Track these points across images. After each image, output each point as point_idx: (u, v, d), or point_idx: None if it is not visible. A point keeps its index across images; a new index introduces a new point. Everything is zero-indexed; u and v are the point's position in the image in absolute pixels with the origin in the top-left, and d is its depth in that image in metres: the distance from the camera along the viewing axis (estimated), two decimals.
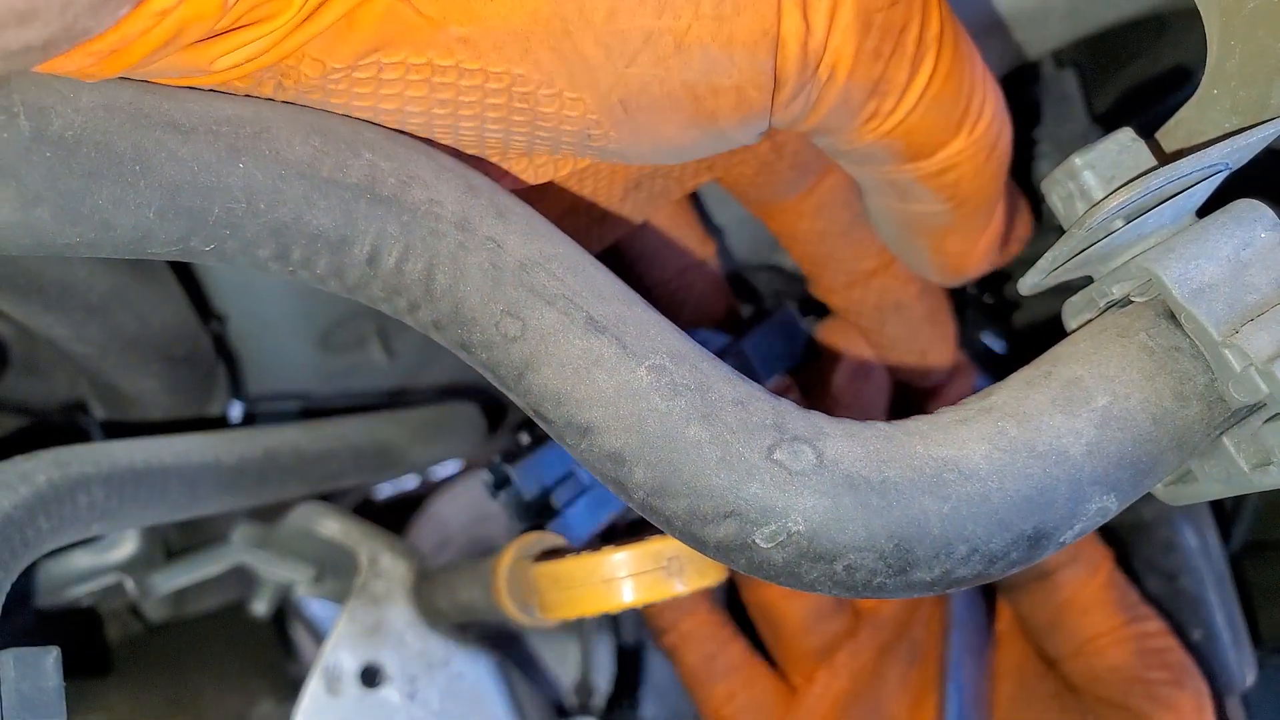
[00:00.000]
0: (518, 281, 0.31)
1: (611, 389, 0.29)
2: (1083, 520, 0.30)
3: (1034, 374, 0.31)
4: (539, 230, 0.32)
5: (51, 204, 0.26)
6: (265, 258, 0.30)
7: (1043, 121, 0.67)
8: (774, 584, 0.31)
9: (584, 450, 0.30)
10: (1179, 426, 0.30)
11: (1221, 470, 0.32)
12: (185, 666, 0.59)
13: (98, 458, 0.44)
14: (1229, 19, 0.30)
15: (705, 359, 0.31)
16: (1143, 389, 0.30)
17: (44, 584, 0.58)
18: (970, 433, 0.29)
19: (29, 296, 0.44)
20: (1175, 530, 0.67)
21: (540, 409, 0.31)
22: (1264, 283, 0.29)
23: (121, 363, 0.51)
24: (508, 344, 0.31)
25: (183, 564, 0.61)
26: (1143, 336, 0.30)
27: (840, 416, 0.31)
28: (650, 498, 0.30)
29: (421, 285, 0.31)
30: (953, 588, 0.30)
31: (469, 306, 0.31)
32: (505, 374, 0.31)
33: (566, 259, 0.32)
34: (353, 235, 0.30)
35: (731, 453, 0.29)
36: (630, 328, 0.31)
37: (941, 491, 0.28)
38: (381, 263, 0.31)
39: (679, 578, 0.45)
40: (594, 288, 0.31)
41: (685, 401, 0.29)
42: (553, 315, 0.30)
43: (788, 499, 0.28)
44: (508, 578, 0.50)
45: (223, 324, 0.63)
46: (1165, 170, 0.30)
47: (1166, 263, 0.30)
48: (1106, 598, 0.59)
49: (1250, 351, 0.28)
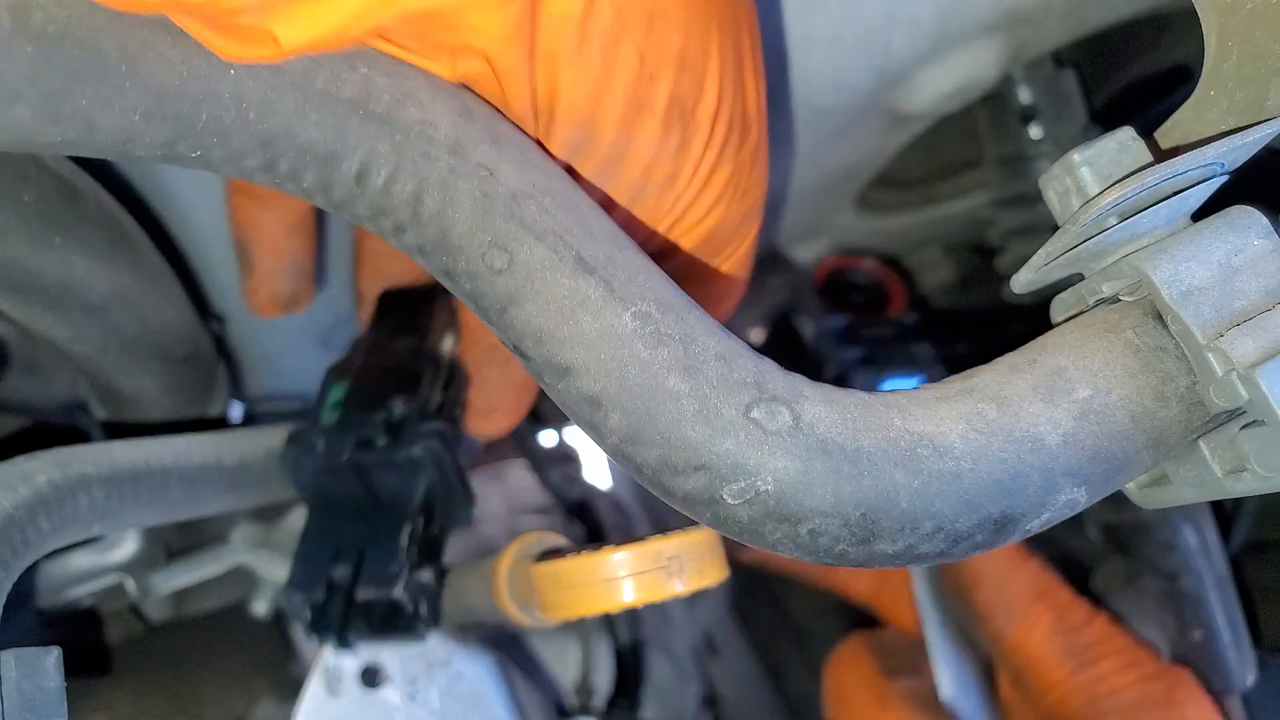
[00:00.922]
0: (508, 213, 0.30)
1: (595, 332, 0.29)
2: (1051, 510, 0.30)
3: (1019, 360, 0.31)
4: (533, 161, 0.31)
5: (31, 102, 0.25)
6: (252, 168, 0.30)
7: (1042, 121, 0.68)
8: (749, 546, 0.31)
9: (561, 390, 0.30)
10: (1157, 426, 0.30)
11: (1196, 475, 0.32)
12: (186, 666, 0.59)
13: (98, 458, 0.44)
14: (1226, 20, 0.30)
15: (692, 310, 0.30)
16: (1125, 385, 0.30)
17: (45, 584, 0.58)
18: (949, 410, 0.29)
19: (29, 297, 0.44)
20: (1175, 531, 0.67)
21: (520, 345, 0.30)
22: (1253, 289, 0.29)
23: (122, 363, 0.51)
24: (493, 276, 0.30)
25: (183, 564, 0.61)
26: (1130, 334, 0.30)
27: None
28: (623, 444, 0.29)
29: (409, 208, 0.30)
30: (914, 564, 0.30)
31: (456, 234, 0.30)
32: (488, 306, 0.31)
33: (560, 194, 0.31)
34: (342, 151, 0.30)
35: (709, 407, 0.28)
36: (619, 271, 0.30)
37: (913, 466, 0.28)
38: (370, 182, 0.30)
39: (679, 577, 0.45)
40: (585, 226, 0.31)
41: (668, 352, 0.29)
42: (541, 251, 0.30)
43: (760, 458, 0.28)
44: (508, 578, 0.50)
45: (223, 324, 0.63)
46: (1161, 167, 0.30)
47: (1157, 263, 0.30)
48: (1048, 651, 0.59)
49: (1234, 356, 0.28)
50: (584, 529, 0.84)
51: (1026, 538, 0.31)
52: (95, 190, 0.45)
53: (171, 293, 0.52)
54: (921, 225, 0.84)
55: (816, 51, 0.54)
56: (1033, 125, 0.68)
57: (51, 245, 0.43)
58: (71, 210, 0.43)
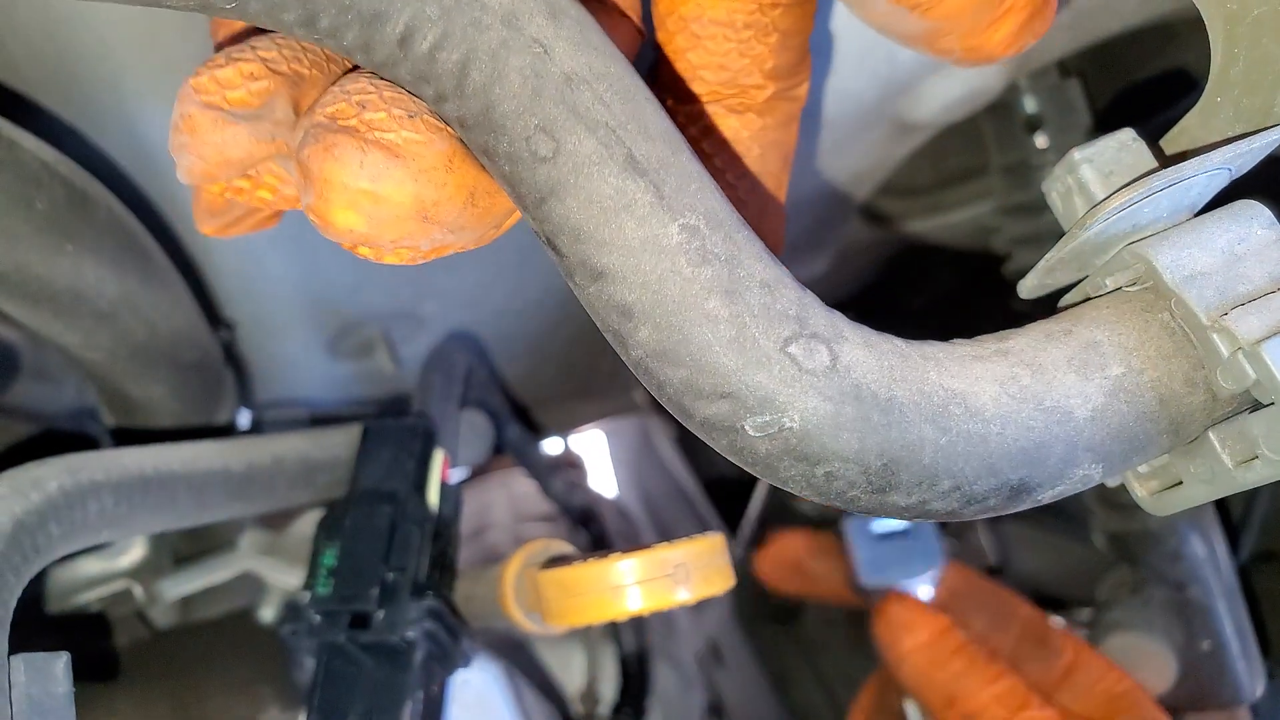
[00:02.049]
0: (559, 97, 0.28)
1: (637, 240, 0.27)
2: (1066, 483, 0.29)
3: (1054, 328, 0.30)
4: (592, 42, 0.29)
5: None
6: (290, 21, 0.28)
7: (1047, 130, 0.68)
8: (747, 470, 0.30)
9: (591, 294, 0.29)
10: (1181, 411, 0.29)
11: (1206, 469, 0.31)
12: (192, 672, 0.59)
13: (108, 465, 0.45)
14: (1233, 27, 0.30)
15: (741, 229, 0.29)
16: (1157, 367, 0.29)
17: (54, 590, 0.58)
18: (984, 371, 0.29)
19: (40, 304, 0.44)
20: (1183, 540, 0.67)
21: (555, 240, 0.29)
22: (1258, 275, 0.29)
23: (131, 369, 0.51)
24: (535, 163, 0.28)
25: (190, 570, 0.61)
26: (1166, 316, 0.30)
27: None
28: (648, 358, 0.28)
29: (453, 78, 0.28)
30: (923, 518, 0.30)
31: (501, 113, 0.28)
32: (525, 193, 0.29)
33: (618, 81, 0.29)
34: (388, 11, 0.28)
35: (746, 336, 0.27)
36: (671, 177, 0.28)
37: (943, 423, 0.28)
38: (414, 46, 0.28)
39: (685, 585, 0.45)
40: (641, 122, 0.29)
41: (712, 272, 0.27)
42: (591, 143, 0.28)
43: (791, 395, 0.27)
44: (514, 584, 0.51)
45: (231, 331, 0.63)
46: (1168, 172, 0.30)
47: (1160, 249, 0.30)
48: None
49: (1239, 334, 0.28)
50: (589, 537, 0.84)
51: (1038, 505, 0.30)
52: (106, 197, 0.46)
53: (181, 300, 0.52)
54: (928, 233, 0.85)
55: (821, 61, 0.55)
56: (1038, 134, 0.68)
57: (63, 253, 0.43)
58: (83, 217, 0.44)
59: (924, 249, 0.88)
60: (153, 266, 0.49)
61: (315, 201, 0.30)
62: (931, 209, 0.82)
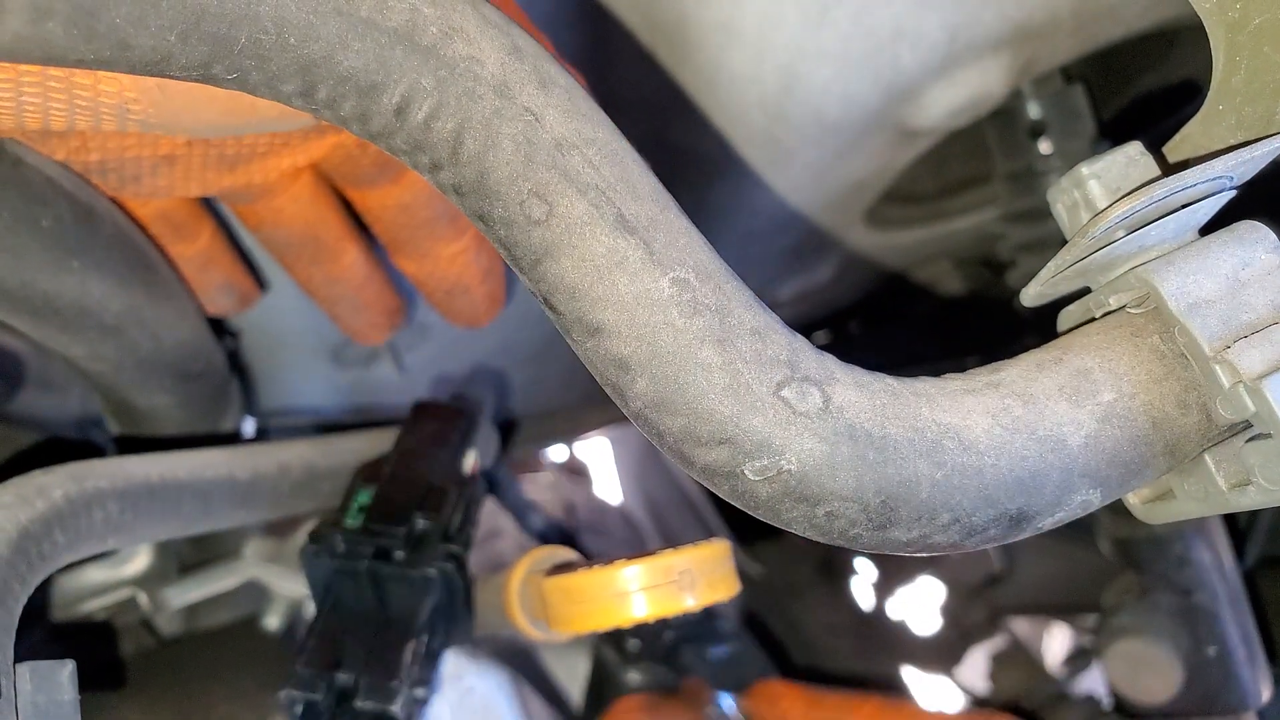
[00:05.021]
0: (551, 162, 0.29)
1: (630, 295, 0.29)
2: (1065, 510, 0.30)
3: (1045, 357, 0.31)
4: (581, 109, 0.30)
5: (63, 18, 0.25)
6: (289, 93, 0.29)
7: (1051, 136, 0.68)
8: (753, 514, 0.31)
9: (588, 349, 0.30)
10: (1176, 433, 0.30)
11: (1200, 488, 0.32)
12: (197, 681, 0.59)
13: (113, 473, 0.45)
14: (1234, 35, 0.30)
15: (730, 280, 0.30)
16: (1149, 391, 0.30)
17: (59, 598, 0.58)
18: (975, 404, 0.29)
19: (46, 318, 0.44)
20: (1189, 546, 0.67)
21: (551, 298, 0.30)
22: (1260, 303, 0.29)
23: (136, 380, 0.52)
24: (530, 226, 0.29)
25: (195, 578, 0.62)
26: (1155, 339, 0.30)
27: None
28: (647, 409, 0.29)
29: (448, 146, 0.30)
30: (925, 552, 0.30)
31: (495, 179, 0.29)
32: (521, 255, 0.30)
33: (606, 146, 0.30)
34: (384, 82, 0.29)
35: (740, 382, 0.28)
36: (660, 233, 0.29)
37: (938, 457, 0.28)
38: (410, 116, 0.29)
39: (691, 591, 0.45)
40: (630, 183, 0.30)
41: (704, 322, 0.29)
42: (582, 206, 0.29)
43: (786, 437, 0.28)
44: (520, 592, 0.51)
45: (236, 340, 0.63)
46: (1169, 181, 0.30)
47: (1165, 275, 0.30)
48: None
49: (1240, 368, 0.28)
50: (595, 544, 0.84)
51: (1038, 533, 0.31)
52: (112, 212, 0.46)
53: (186, 311, 0.53)
54: (931, 240, 0.84)
55: (825, 67, 0.55)
56: (1042, 140, 0.68)
57: (69, 269, 0.43)
58: (88, 233, 0.44)
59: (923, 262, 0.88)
60: (158, 279, 0.49)
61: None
62: (935, 216, 0.82)
